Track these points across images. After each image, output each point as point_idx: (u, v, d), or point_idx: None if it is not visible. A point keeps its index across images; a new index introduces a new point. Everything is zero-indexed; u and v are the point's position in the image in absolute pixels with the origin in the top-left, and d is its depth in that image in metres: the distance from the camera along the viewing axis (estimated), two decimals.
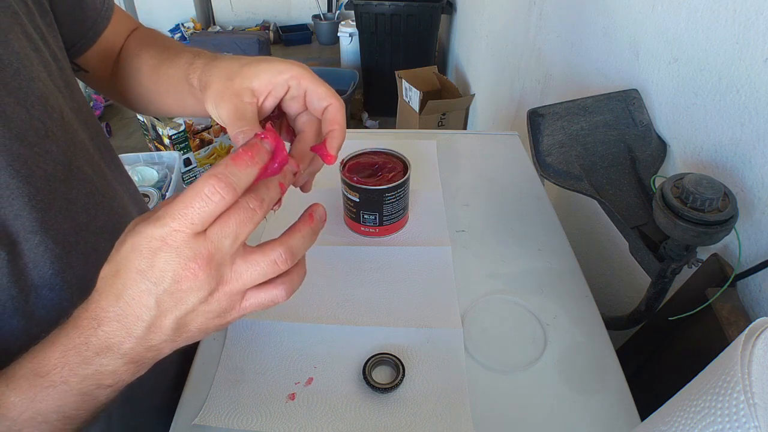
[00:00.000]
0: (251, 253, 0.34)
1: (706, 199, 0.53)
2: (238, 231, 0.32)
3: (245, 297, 0.36)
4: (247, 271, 0.34)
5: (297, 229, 0.38)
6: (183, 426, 0.51)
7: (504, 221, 0.78)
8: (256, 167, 0.33)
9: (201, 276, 0.32)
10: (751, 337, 0.31)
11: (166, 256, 0.31)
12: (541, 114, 0.71)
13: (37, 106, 0.42)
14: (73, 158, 0.46)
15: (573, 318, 0.62)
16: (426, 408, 0.52)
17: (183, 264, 0.31)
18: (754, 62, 0.57)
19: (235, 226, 0.32)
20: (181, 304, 0.33)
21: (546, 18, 1.33)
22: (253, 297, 0.36)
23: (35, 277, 0.42)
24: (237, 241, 0.33)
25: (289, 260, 0.36)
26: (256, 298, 0.36)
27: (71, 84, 0.49)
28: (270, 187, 0.35)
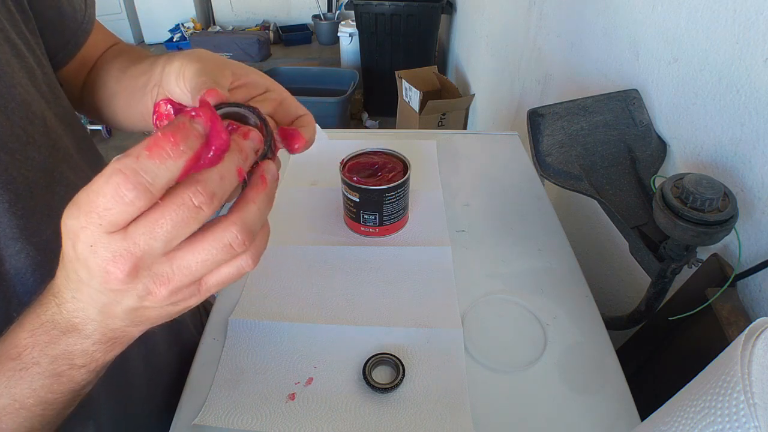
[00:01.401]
0: (198, 241, 0.28)
1: (706, 199, 0.53)
2: (174, 233, 0.26)
3: (202, 282, 0.31)
4: (195, 262, 0.28)
5: (249, 199, 0.30)
6: (183, 426, 0.51)
7: (504, 221, 0.78)
8: (181, 159, 0.25)
9: (125, 280, 0.27)
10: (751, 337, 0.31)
11: (85, 253, 0.27)
12: (541, 114, 0.71)
13: (17, 112, 0.41)
14: (56, 165, 0.45)
15: (573, 318, 0.62)
16: (426, 408, 0.52)
17: (102, 266, 0.27)
18: (754, 62, 0.57)
19: (170, 228, 0.26)
20: (121, 300, 0.29)
21: (546, 18, 1.33)
22: (214, 278, 0.31)
23: (17, 285, 0.41)
24: (172, 243, 0.27)
25: (247, 241, 0.29)
26: (218, 277, 0.31)
27: (56, 90, 0.48)
28: (224, 176, 0.27)
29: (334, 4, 4.31)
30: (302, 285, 0.67)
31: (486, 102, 2.17)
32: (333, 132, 1.00)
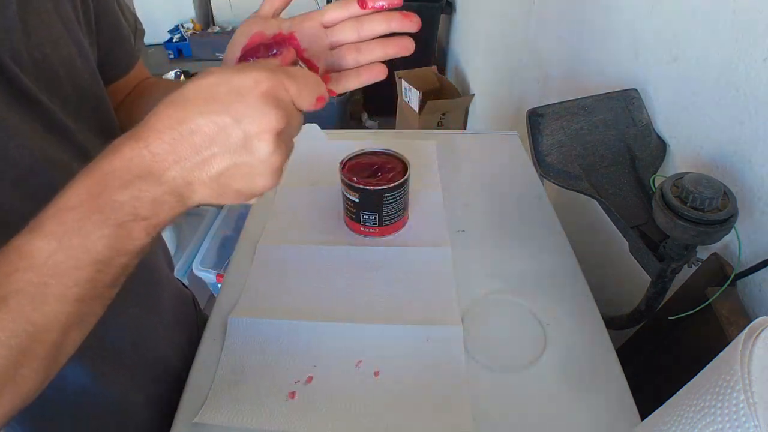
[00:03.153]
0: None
1: (705, 198, 0.52)
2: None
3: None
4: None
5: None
6: (183, 424, 0.51)
7: (504, 221, 0.78)
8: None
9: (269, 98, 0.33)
10: (751, 337, 0.31)
11: (262, 97, 0.32)
12: (541, 114, 0.71)
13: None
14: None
15: (573, 318, 0.62)
16: (426, 407, 0.52)
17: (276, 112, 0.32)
18: (753, 61, 0.57)
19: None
20: (247, 155, 0.33)
21: (546, 18, 1.33)
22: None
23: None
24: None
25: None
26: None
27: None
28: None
29: None
30: (302, 284, 0.67)
31: (486, 102, 2.17)
32: (333, 132, 1.00)
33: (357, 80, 0.44)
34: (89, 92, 0.48)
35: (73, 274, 0.31)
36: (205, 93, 0.32)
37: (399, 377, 0.55)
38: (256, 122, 0.32)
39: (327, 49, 0.44)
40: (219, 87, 0.32)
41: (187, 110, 0.32)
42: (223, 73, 0.33)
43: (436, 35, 2.94)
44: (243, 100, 0.32)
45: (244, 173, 0.34)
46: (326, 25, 0.44)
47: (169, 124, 0.32)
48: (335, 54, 0.44)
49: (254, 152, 0.33)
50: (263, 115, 0.32)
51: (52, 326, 0.31)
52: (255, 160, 0.33)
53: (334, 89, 0.44)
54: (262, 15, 0.44)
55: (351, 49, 0.44)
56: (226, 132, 0.32)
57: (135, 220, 0.32)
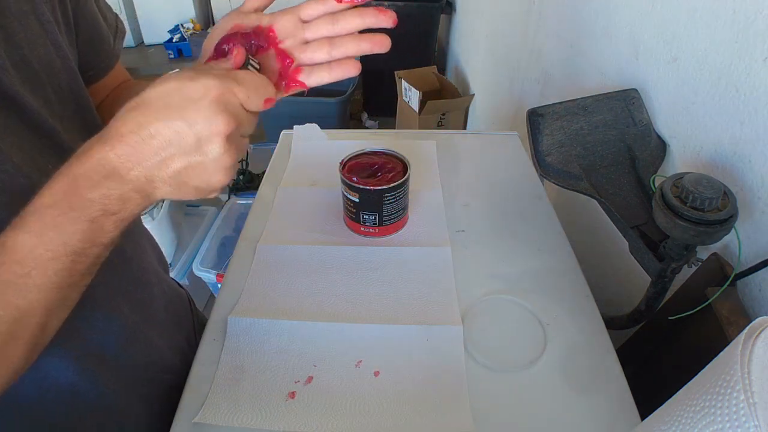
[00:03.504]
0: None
1: (705, 198, 0.52)
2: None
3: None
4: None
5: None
6: (183, 424, 0.51)
7: (504, 221, 0.78)
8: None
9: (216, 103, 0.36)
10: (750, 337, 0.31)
11: (212, 103, 0.36)
12: (541, 114, 0.71)
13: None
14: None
15: (573, 318, 0.62)
16: (426, 407, 0.52)
17: (222, 113, 0.36)
18: (753, 61, 0.57)
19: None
20: (200, 155, 0.37)
21: (545, 18, 1.33)
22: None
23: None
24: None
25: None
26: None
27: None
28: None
29: None
30: (302, 284, 0.67)
31: (486, 102, 2.17)
32: (333, 132, 1.00)
33: (328, 74, 0.46)
34: (70, 93, 0.48)
35: (52, 265, 0.35)
36: (162, 99, 0.36)
37: (399, 377, 0.55)
38: (206, 126, 0.36)
39: (302, 43, 0.46)
40: (174, 94, 0.36)
41: (146, 115, 0.36)
42: (178, 80, 0.36)
43: (436, 35, 2.94)
44: (195, 106, 0.36)
45: (199, 172, 0.37)
46: (304, 20, 0.45)
47: (131, 129, 0.35)
48: (309, 47, 0.46)
49: (207, 153, 0.37)
50: (213, 120, 0.36)
51: (35, 311, 0.35)
52: (208, 160, 0.37)
53: (305, 82, 0.46)
54: (243, 11, 0.46)
55: (324, 44, 0.46)
56: (181, 135, 0.36)
57: (105, 215, 0.36)
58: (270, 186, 0.85)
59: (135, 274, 0.56)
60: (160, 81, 0.37)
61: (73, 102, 0.49)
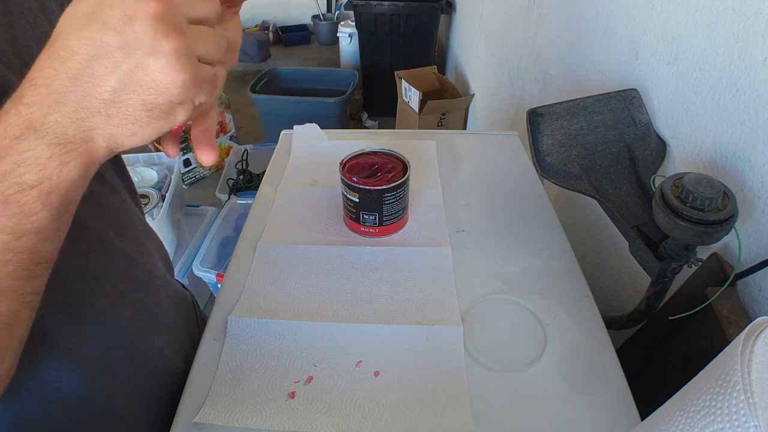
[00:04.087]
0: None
1: (705, 198, 0.53)
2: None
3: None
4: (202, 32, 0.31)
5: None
6: (183, 424, 0.51)
7: (504, 221, 0.78)
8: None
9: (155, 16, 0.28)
10: (751, 337, 0.31)
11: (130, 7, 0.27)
12: (541, 114, 0.71)
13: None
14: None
15: (573, 318, 0.62)
16: (426, 407, 0.52)
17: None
18: (753, 61, 0.57)
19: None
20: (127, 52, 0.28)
21: (545, 18, 1.33)
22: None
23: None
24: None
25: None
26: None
27: None
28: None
29: (334, 5, 4.31)
30: (302, 284, 0.67)
31: (486, 102, 2.17)
32: (332, 132, 1.00)
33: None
34: None
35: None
36: (70, 20, 0.28)
37: (399, 377, 0.55)
38: (121, 10, 0.27)
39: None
40: (80, 6, 0.28)
41: (55, 43, 0.28)
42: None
43: (436, 35, 2.95)
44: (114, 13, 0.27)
45: (140, 78, 0.28)
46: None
47: (41, 65, 0.28)
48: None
49: (137, 46, 0.28)
50: (146, 33, 0.27)
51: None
52: (142, 54, 0.28)
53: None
54: None
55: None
56: (99, 40, 0.27)
57: (22, 189, 0.28)
58: (270, 186, 0.85)
59: (140, 279, 0.55)
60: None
61: None
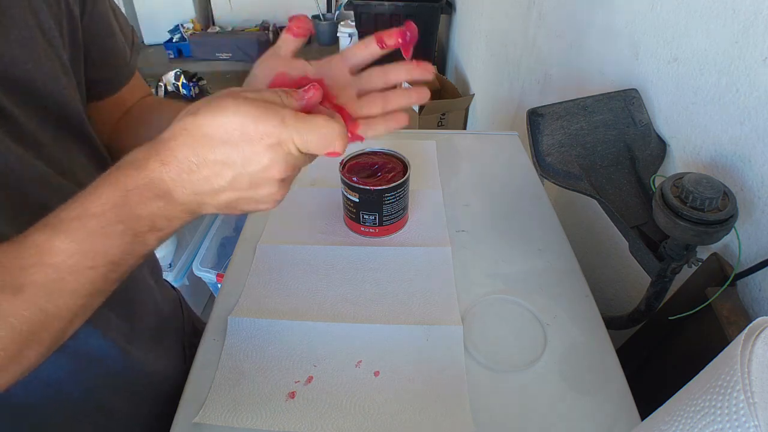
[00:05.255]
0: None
1: (705, 198, 0.52)
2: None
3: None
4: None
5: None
6: (183, 424, 0.51)
7: (504, 221, 0.78)
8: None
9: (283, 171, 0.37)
10: (751, 337, 0.31)
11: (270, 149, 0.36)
12: (541, 114, 0.71)
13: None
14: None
15: (573, 318, 0.62)
16: (426, 407, 0.52)
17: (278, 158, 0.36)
18: (753, 61, 0.57)
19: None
20: (251, 192, 0.37)
21: (545, 18, 1.33)
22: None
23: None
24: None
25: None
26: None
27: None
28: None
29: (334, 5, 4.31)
30: (302, 284, 0.67)
31: (485, 102, 2.17)
32: None
33: (384, 127, 0.47)
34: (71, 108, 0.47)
35: (88, 273, 0.35)
36: (220, 132, 0.35)
37: (399, 377, 0.55)
38: (262, 171, 0.36)
39: (355, 97, 0.47)
40: (235, 130, 0.35)
41: (203, 145, 0.35)
42: (242, 116, 0.35)
43: (436, 35, 2.95)
44: (253, 147, 0.35)
45: (250, 203, 0.39)
46: (352, 70, 0.47)
47: (187, 154, 0.35)
48: (365, 102, 0.47)
49: (259, 191, 0.38)
50: (269, 167, 0.36)
51: (61, 316, 0.35)
52: (259, 196, 0.38)
53: (363, 135, 0.46)
54: (282, 54, 0.46)
55: (378, 99, 0.47)
56: (235, 173, 0.36)
57: (151, 230, 0.37)
58: None
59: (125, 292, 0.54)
60: (218, 107, 0.35)
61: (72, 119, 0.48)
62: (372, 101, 0.47)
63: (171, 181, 0.35)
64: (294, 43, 0.46)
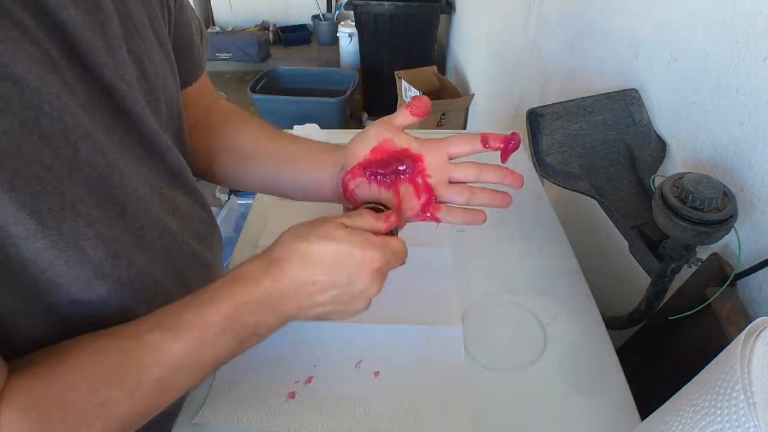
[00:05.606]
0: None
1: (705, 198, 0.52)
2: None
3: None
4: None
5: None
6: (183, 424, 0.51)
7: (504, 221, 0.78)
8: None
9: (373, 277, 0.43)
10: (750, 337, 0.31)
11: (374, 273, 0.43)
12: (541, 114, 0.71)
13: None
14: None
15: (573, 318, 0.62)
16: (426, 407, 0.52)
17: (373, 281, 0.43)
18: (753, 62, 0.57)
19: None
20: (348, 306, 0.44)
21: (545, 18, 1.33)
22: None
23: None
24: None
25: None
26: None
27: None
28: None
29: (334, 5, 4.31)
30: None
31: (485, 102, 2.17)
32: (332, 132, 1.00)
33: (462, 218, 0.52)
34: (175, 109, 0.49)
35: (196, 372, 0.40)
36: (332, 257, 0.41)
37: (399, 377, 0.55)
38: (364, 290, 0.43)
39: (446, 182, 0.51)
40: (345, 256, 0.41)
41: (316, 270, 0.41)
42: (349, 244, 0.41)
43: (436, 35, 2.94)
44: (359, 272, 0.42)
45: (339, 314, 0.44)
46: (452, 157, 0.51)
47: (299, 276, 0.41)
48: (453, 189, 0.51)
49: (353, 305, 0.44)
50: (370, 286, 0.43)
51: (165, 404, 0.40)
52: (351, 309, 0.44)
53: (440, 218, 0.51)
54: (395, 124, 0.50)
55: (466, 191, 0.51)
56: (340, 292, 0.42)
57: (253, 335, 0.42)
58: None
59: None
60: (331, 237, 0.41)
61: (176, 116, 0.50)
62: (460, 192, 0.51)
63: (281, 297, 0.41)
64: (409, 120, 0.51)
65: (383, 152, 0.50)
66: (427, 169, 0.50)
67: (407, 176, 0.50)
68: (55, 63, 0.35)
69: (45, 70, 0.34)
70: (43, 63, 0.34)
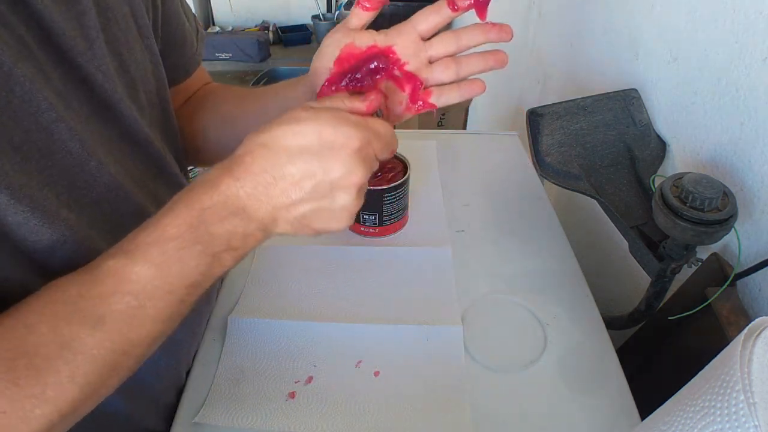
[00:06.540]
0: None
1: (705, 198, 0.52)
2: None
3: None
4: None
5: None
6: (183, 424, 0.51)
7: (504, 221, 0.78)
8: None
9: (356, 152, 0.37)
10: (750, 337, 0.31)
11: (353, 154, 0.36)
12: (541, 114, 0.71)
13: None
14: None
15: (573, 318, 0.62)
16: (426, 407, 0.52)
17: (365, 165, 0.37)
18: (753, 61, 0.57)
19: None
20: (331, 202, 0.37)
21: (545, 17, 1.33)
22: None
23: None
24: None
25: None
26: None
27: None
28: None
29: (334, 5, 4.31)
30: (302, 285, 0.67)
31: (486, 102, 2.17)
32: None
33: (459, 94, 0.45)
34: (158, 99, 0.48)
35: (167, 298, 0.34)
36: (298, 141, 0.35)
37: (399, 377, 0.55)
38: (344, 177, 0.36)
39: (427, 63, 0.45)
40: (311, 138, 0.35)
41: (280, 157, 0.35)
42: (316, 122, 0.35)
43: None
44: (335, 155, 0.35)
45: (324, 216, 0.38)
46: (423, 36, 0.45)
47: (263, 168, 0.35)
48: (436, 68, 0.45)
49: (337, 200, 0.37)
50: (352, 171, 0.36)
51: (142, 343, 0.34)
52: (336, 206, 0.37)
53: (435, 103, 0.45)
54: (351, 27, 0.45)
55: (451, 63, 0.45)
56: (316, 181, 0.35)
57: (227, 250, 0.36)
58: None
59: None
60: (293, 119, 0.36)
61: (159, 109, 0.49)
62: (444, 67, 0.45)
63: (246, 196, 0.35)
64: (365, 17, 0.45)
65: (350, 59, 0.44)
66: (401, 58, 0.44)
67: (383, 73, 0.44)
68: (30, 50, 0.34)
69: (19, 56, 0.33)
70: (17, 49, 0.33)
